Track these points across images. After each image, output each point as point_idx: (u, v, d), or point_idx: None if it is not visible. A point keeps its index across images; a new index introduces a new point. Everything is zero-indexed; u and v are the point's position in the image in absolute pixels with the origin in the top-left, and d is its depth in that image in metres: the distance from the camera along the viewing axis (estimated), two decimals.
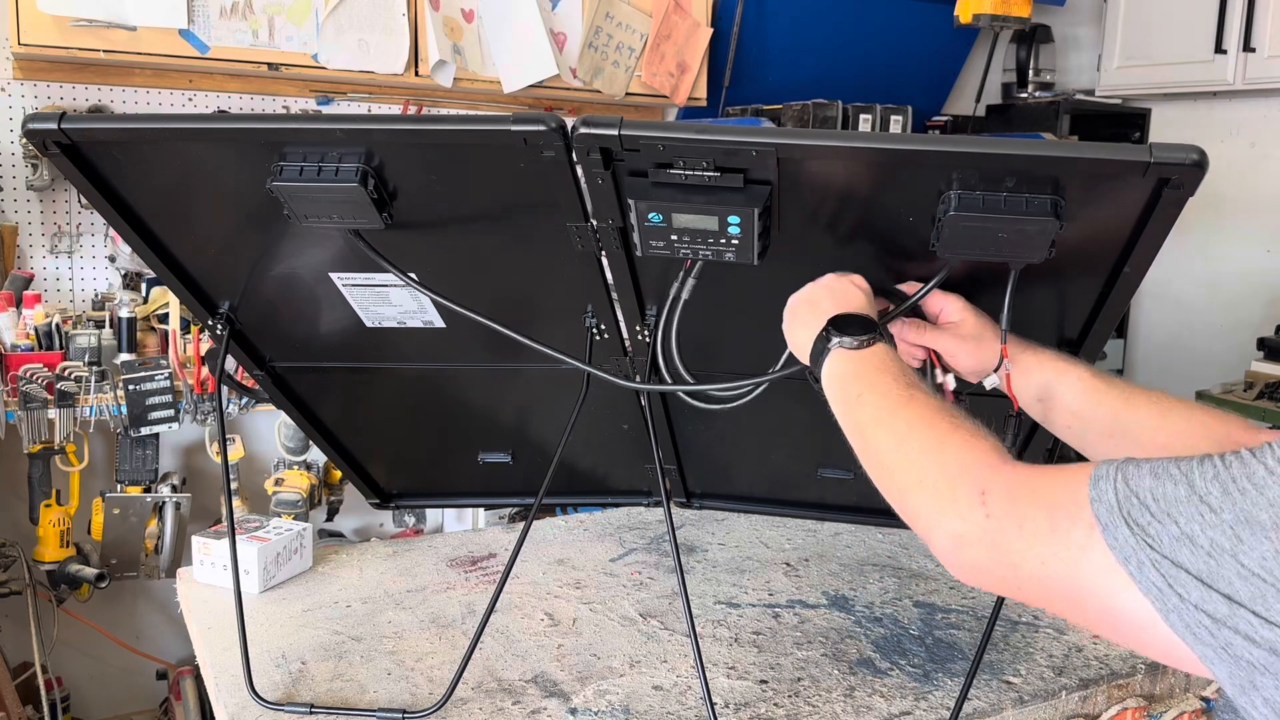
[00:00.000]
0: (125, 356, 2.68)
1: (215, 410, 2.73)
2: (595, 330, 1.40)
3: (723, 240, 1.14)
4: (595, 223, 1.22)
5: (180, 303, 1.97)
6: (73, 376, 2.58)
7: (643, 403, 1.50)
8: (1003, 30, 3.64)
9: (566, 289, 1.37)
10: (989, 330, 1.19)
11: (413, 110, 3.32)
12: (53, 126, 1.15)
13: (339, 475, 3.06)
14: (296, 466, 2.99)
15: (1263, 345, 3.43)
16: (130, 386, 2.63)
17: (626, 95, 3.41)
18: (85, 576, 2.72)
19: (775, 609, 1.63)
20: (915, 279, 1.23)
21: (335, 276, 1.38)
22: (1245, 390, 3.35)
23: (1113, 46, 3.88)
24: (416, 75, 3.03)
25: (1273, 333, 3.45)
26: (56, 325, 2.62)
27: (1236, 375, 3.49)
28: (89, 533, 2.78)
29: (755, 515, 1.97)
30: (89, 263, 3.03)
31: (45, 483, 2.71)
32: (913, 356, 1.22)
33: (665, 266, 1.28)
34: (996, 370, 1.16)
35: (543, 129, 1.09)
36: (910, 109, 3.55)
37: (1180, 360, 3.98)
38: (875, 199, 1.18)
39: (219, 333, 1.44)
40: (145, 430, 2.68)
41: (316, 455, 3.00)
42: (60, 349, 2.62)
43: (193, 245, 1.36)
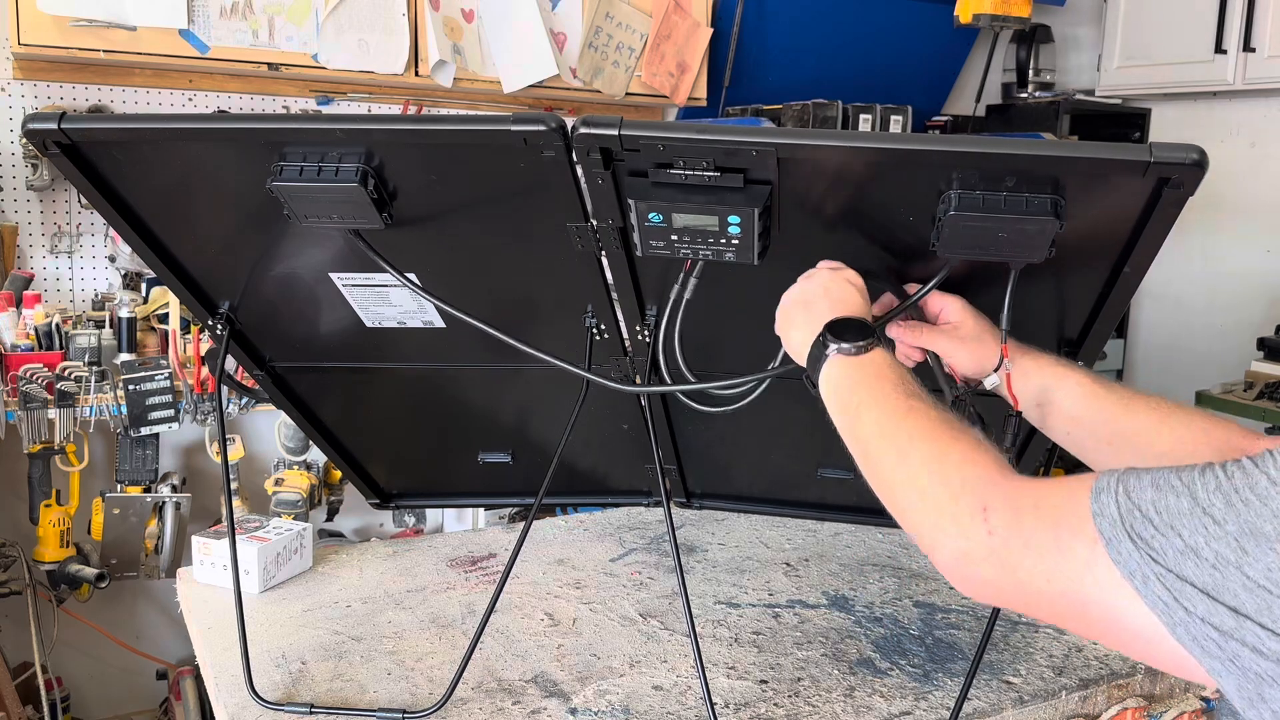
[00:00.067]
0: (125, 356, 2.68)
1: (215, 410, 2.73)
2: (595, 330, 1.40)
3: (723, 240, 1.14)
4: (595, 223, 1.22)
5: (180, 303, 1.97)
6: (73, 376, 2.58)
7: (643, 403, 1.50)
8: (1003, 30, 3.64)
9: (566, 289, 1.37)
10: (988, 332, 1.19)
11: (413, 110, 3.32)
12: (53, 126, 1.15)
13: (339, 475, 3.06)
14: (296, 466, 2.98)
15: (1263, 345, 3.43)
16: (130, 386, 2.63)
17: (626, 95, 3.41)
18: (85, 576, 2.71)
19: (775, 609, 1.63)
20: (915, 279, 1.22)
21: (335, 276, 1.38)
22: (1245, 390, 3.34)
23: (1113, 46, 3.88)
24: (416, 75, 3.03)
25: (1273, 333, 3.45)
26: (56, 325, 2.62)
27: (1236, 375, 3.49)
28: (89, 533, 2.78)
29: (755, 515, 1.97)
30: (89, 263, 3.03)
31: (45, 483, 2.71)
32: (909, 357, 1.22)
33: (665, 266, 1.28)
34: (997, 370, 1.16)
35: (543, 129, 1.09)
36: (910, 109, 3.55)
37: (1180, 360, 3.98)
38: (875, 199, 1.18)
39: (219, 333, 1.44)
40: (145, 430, 2.68)
41: (316, 455, 3.00)
42: (60, 349, 2.62)
43: (193, 245, 1.36)
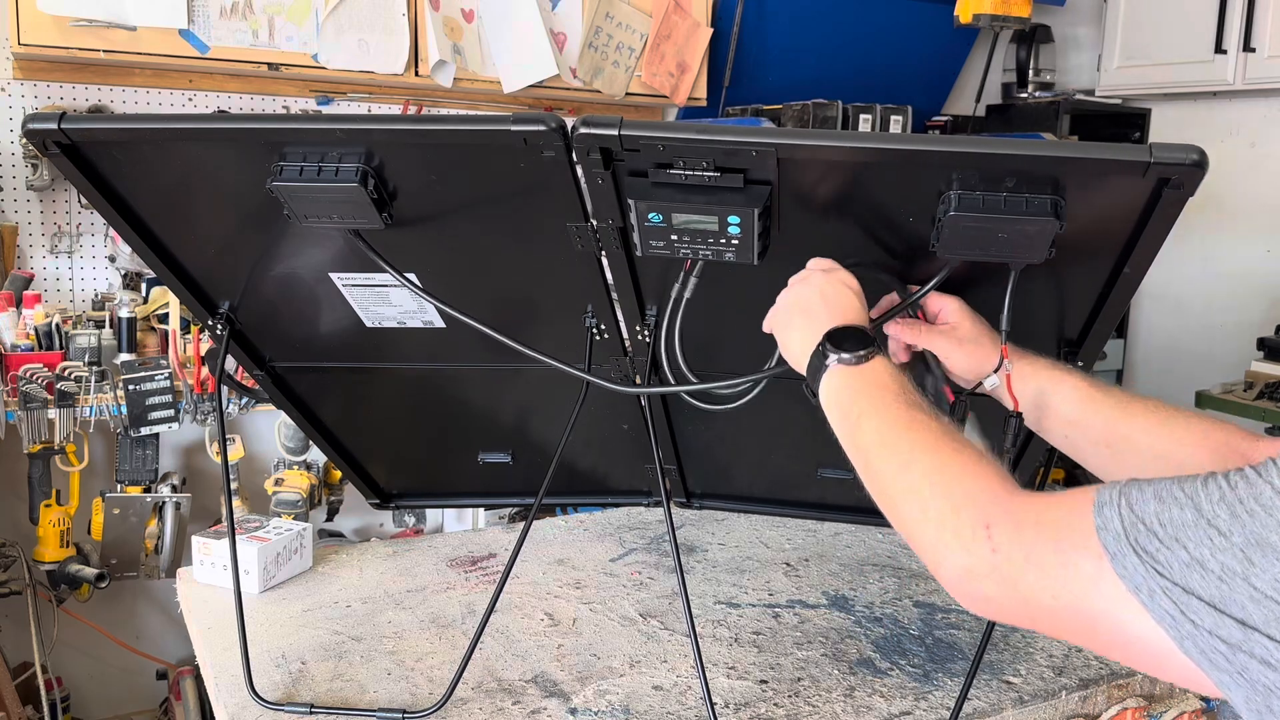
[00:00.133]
0: (125, 356, 2.68)
1: (215, 410, 2.73)
2: (595, 330, 1.40)
3: (723, 240, 1.14)
4: (595, 223, 1.22)
5: (180, 303, 1.97)
6: (73, 376, 2.58)
7: (642, 403, 1.50)
8: (1003, 30, 3.64)
9: (566, 289, 1.37)
10: (986, 334, 1.19)
11: (413, 110, 3.32)
12: (53, 126, 1.15)
13: (339, 475, 3.06)
14: (296, 466, 2.98)
15: (1263, 345, 3.43)
16: (130, 386, 2.63)
17: (626, 95, 3.41)
18: (85, 576, 2.71)
19: (775, 609, 1.63)
20: (915, 279, 1.22)
21: (335, 276, 1.38)
22: (1245, 390, 3.34)
23: (1113, 46, 3.88)
24: (416, 75, 3.03)
25: (1273, 333, 3.45)
26: (56, 325, 2.62)
27: (1236, 375, 3.49)
28: (89, 533, 2.78)
29: (755, 515, 1.97)
30: (89, 263, 3.03)
31: (45, 483, 2.71)
32: (895, 355, 1.22)
33: (665, 266, 1.28)
34: (997, 370, 1.16)
35: (543, 129, 1.09)
36: (910, 109, 3.55)
37: (1180, 360, 3.98)
38: (875, 199, 1.18)
39: (219, 333, 1.44)
40: (145, 430, 2.68)
41: (316, 455, 3.00)
42: (60, 349, 2.62)
43: (193, 245, 1.36)
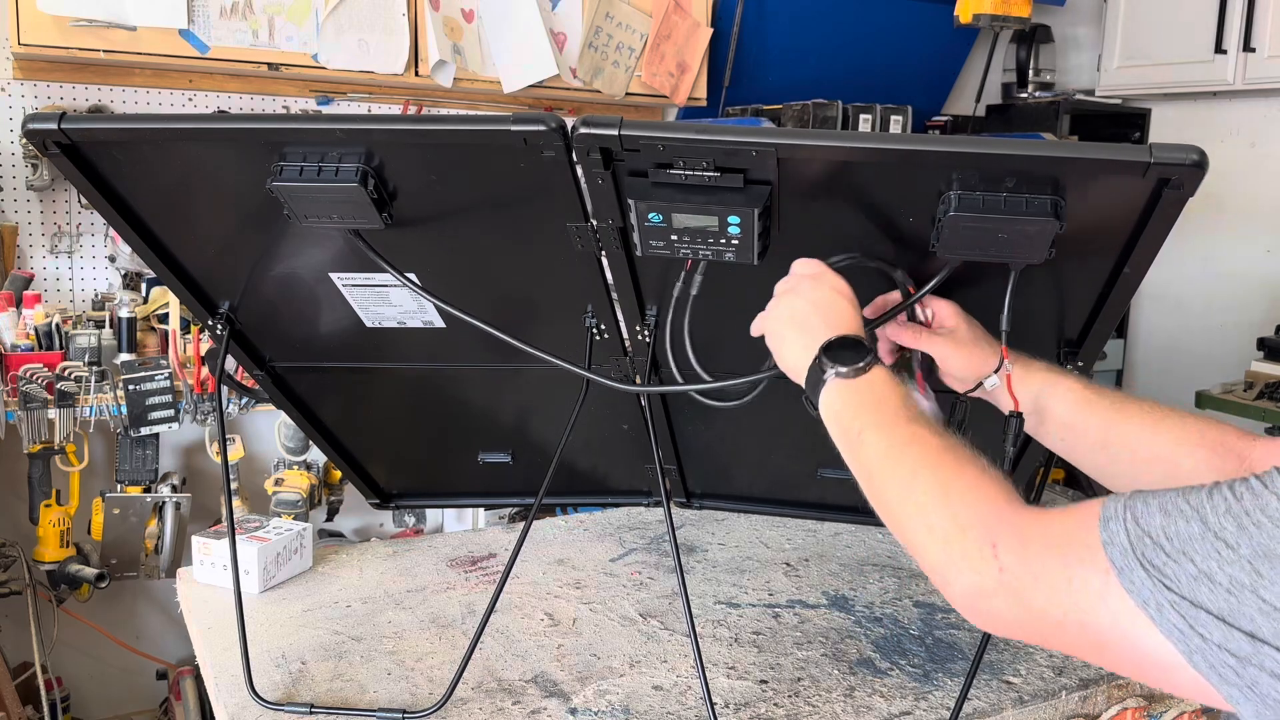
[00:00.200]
0: (125, 356, 2.68)
1: (215, 410, 2.73)
2: (595, 330, 1.40)
3: (723, 240, 1.14)
4: (595, 223, 1.22)
5: (180, 303, 1.97)
6: (73, 376, 2.58)
7: (642, 403, 1.50)
8: (1003, 30, 3.64)
9: (566, 289, 1.37)
10: (984, 336, 1.19)
11: (413, 110, 3.32)
12: (53, 126, 1.15)
13: (339, 475, 3.06)
14: (296, 466, 2.98)
15: (1263, 345, 3.43)
16: (130, 386, 2.63)
17: (626, 95, 3.41)
18: (85, 576, 2.71)
19: (775, 609, 1.63)
20: (914, 279, 1.22)
21: (335, 276, 1.38)
22: (1245, 390, 3.34)
23: (1113, 46, 3.87)
24: (416, 75, 3.03)
25: (1273, 333, 3.45)
26: (56, 325, 2.62)
27: (1236, 375, 3.48)
28: (89, 533, 2.77)
29: (755, 515, 1.97)
30: (89, 263, 3.03)
31: (45, 483, 2.71)
32: (887, 353, 1.22)
33: (665, 266, 1.28)
34: (997, 371, 1.16)
35: (543, 129, 1.09)
36: (910, 109, 3.54)
37: (1180, 360, 3.98)
38: (875, 199, 1.18)
39: (219, 333, 1.44)
40: (145, 430, 2.68)
41: (316, 455, 3.00)
42: (60, 349, 2.62)
43: (193, 245, 1.36)
